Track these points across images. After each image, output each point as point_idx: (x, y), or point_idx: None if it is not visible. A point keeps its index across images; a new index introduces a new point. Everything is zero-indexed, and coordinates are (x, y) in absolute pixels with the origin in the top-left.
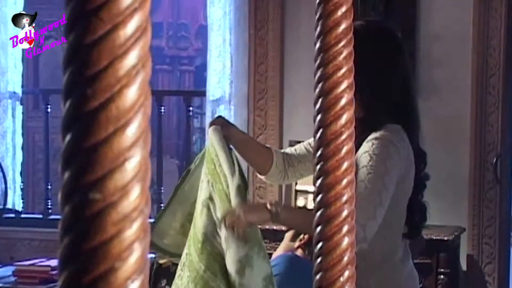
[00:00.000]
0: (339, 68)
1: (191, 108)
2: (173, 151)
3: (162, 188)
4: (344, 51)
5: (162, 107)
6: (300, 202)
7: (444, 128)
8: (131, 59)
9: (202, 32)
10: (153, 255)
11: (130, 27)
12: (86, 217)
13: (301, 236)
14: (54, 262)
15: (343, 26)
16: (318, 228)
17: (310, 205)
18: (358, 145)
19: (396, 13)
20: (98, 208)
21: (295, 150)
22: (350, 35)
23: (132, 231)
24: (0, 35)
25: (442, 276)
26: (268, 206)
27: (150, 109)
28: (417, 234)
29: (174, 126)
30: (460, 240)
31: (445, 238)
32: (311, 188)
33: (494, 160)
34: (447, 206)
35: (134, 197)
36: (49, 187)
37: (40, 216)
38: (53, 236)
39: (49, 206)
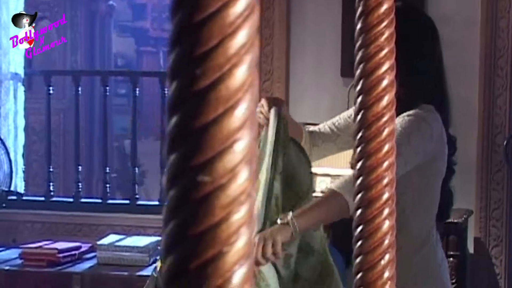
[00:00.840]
0: (381, 49)
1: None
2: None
3: (137, 168)
4: (386, 32)
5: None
6: (323, 185)
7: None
8: (240, 37)
9: None
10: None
11: (240, 4)
12: (194, 200)
13: None
14: (60, 245)
15: (385, 6)
16: (359, 211)
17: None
18: None
19: None
20: (207, 191)
21: (319, 129)
22: (391, 15)
23: (240, 214)
24: (2, 15)
25: (451, 259)
26: (286, 221)
27: (258, 90)
28: (446, 218)
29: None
30: (468, 223)
31: (455, 221)
32: (333, 171)
33: (505, 142)
34: (455, 188)
35: (243, 179)
36: (51, 169)
37: (43, 198)
38: (55, 219)
39: (51, 189)
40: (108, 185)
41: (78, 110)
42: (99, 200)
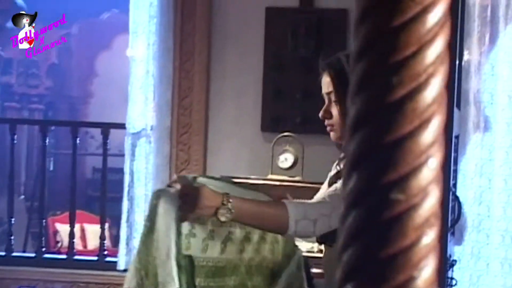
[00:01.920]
0: None
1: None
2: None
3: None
4: None
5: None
6: None
7: None
8: (438, 46)
9: (53, 70)
10: None
11: (438, 11)
12: (386, 219)
13: None
14: None
15: None
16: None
17: None
18: None
19: (326, 49)
20: (400, 210)
21: None
22: None
23: (430, 237)
24: None
25: None
26: (225, 198)
27: (450, 105)
28: None
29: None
30: None
31: None
32: None
33: None
34: None
35: (434, 199)
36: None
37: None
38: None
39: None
40: (12, 237)
41: None
42: (3, 253)
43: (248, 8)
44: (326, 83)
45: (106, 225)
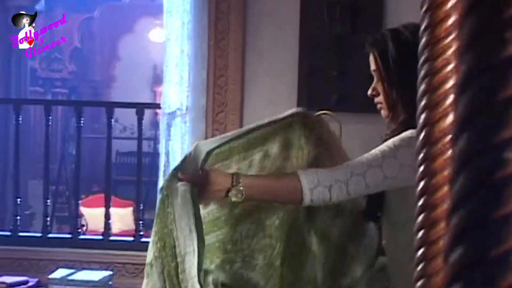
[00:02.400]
0: (448, 63)
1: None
2: None
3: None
4: (453, 45)
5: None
6: None
7: None
8: None
9: (76, 54)
10: None
11: None
12: (497, 179)
13: None
14: (9, 279)
15: (452, 18)
16: (421, 232)
17: None
18: None
19: (362, 29)
20: None
21: None
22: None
23: None
24: None
25: None
26: (235, 178)
27: None
28: None
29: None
30: None
31: None
32: None
33: None
34: None
35: None
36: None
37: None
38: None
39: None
40: (48, 218)
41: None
42: (39, 234)
43: None
44: (372, 61)
45: (131, 209)
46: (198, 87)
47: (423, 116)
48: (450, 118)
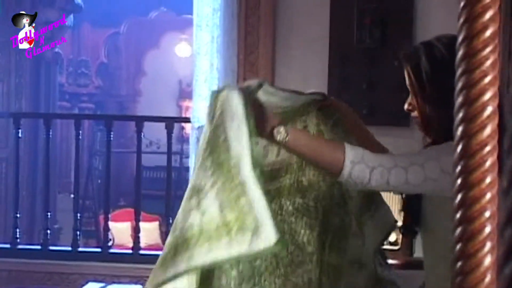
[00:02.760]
0: (486, 75)
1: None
2: None
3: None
4: (491, 57)
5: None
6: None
7: None
8: None
9: (102, 69)
10: None
11: None
12: None
13: None
14: None
15: (490, 30)
16: (458, 246)
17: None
18: None
19: (391, 41)
20: None
21: None
22: (496, 40)
23: None
24: None
25: None
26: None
27: None
28: None
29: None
30: None
31: None
32: None
33: None
34: None
35: None
36: (18, 215)
37: (8, 245)
38: (22, 267)
39: (17, 236)
40: (78, 232)
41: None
42: (69, 248)
43: None
44: (406, 76)
45: (157, 223)
46: None
47: (460, 129)
48: (487, 130)
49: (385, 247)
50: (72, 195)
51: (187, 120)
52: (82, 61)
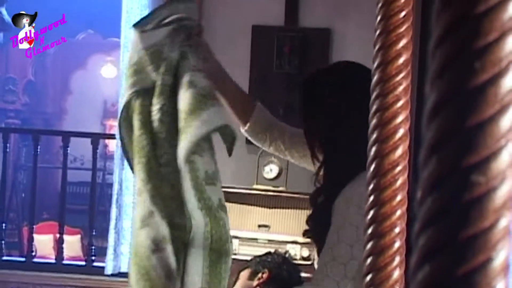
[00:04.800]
0: (398, 99)
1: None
2: None
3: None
4: (403, 83)
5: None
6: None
7: None
8: None
9: (29, 87)
10: None
11: None
12: (466, 201)
13: (259, 275)
14: None
15: (403, 58)
16: (369, 259)
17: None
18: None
19: (310, 67)
20: (480, 192)
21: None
22: (409, 67)
23: (506, 221)
24: None
25: None
26: None
27: None
28: None
29: None
30: None
31: None
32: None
33: None
34: None
35: (511, 183)
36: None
37: None
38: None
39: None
40: (3, 242)
41: None
42: None
43: (235, 25)
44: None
45: (78, 236)
46: None
47: (374, 149)
48: (399, 151)
49: (299, 262)
50: None
51: (112, 136)
52: (9, 78)
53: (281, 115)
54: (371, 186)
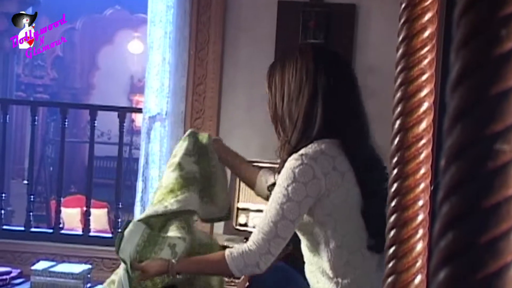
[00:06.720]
0: (423, 73)
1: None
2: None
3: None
4: (429, 56)
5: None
6: (242, 219)
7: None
8: None
9: (58, 62)
10: None
11: None
12: (490, 169)
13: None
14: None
15: (429, 31)
16: (392, 232)
17: (251, 222)
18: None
19: (334, 43)
20: (504, 160)
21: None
22: (434, 40)
23: None
24: None
25: None
26: (168, 263)
27: None
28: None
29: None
30: None
31: None
32: (253, 206)
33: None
34: None
35: None
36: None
37: None
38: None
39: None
40: (31, 214)
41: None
42: (22, 228)
43: (261, 1)
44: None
45: (105, 210)
46: (178, 94)
47: (398, 122)
48: (423, 125)
49: None
50: (25, 181)
51: (139, 110)
52: (38, 53)
53: None
54: (395, 159)
